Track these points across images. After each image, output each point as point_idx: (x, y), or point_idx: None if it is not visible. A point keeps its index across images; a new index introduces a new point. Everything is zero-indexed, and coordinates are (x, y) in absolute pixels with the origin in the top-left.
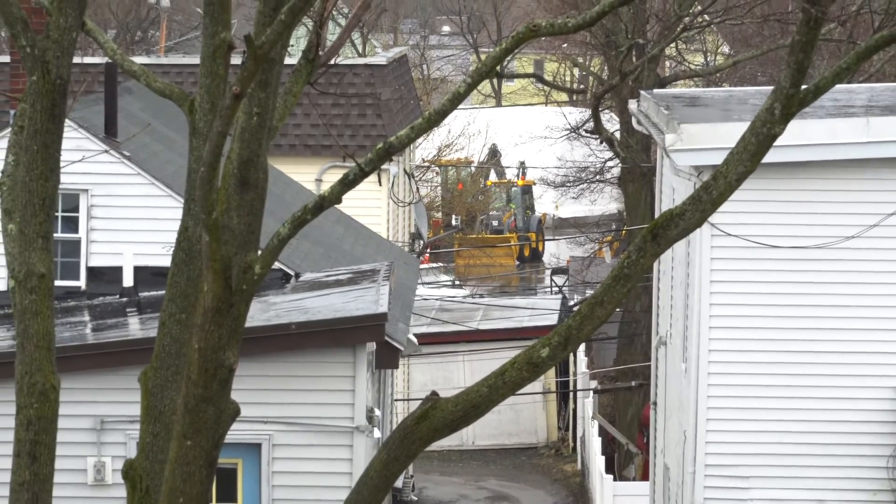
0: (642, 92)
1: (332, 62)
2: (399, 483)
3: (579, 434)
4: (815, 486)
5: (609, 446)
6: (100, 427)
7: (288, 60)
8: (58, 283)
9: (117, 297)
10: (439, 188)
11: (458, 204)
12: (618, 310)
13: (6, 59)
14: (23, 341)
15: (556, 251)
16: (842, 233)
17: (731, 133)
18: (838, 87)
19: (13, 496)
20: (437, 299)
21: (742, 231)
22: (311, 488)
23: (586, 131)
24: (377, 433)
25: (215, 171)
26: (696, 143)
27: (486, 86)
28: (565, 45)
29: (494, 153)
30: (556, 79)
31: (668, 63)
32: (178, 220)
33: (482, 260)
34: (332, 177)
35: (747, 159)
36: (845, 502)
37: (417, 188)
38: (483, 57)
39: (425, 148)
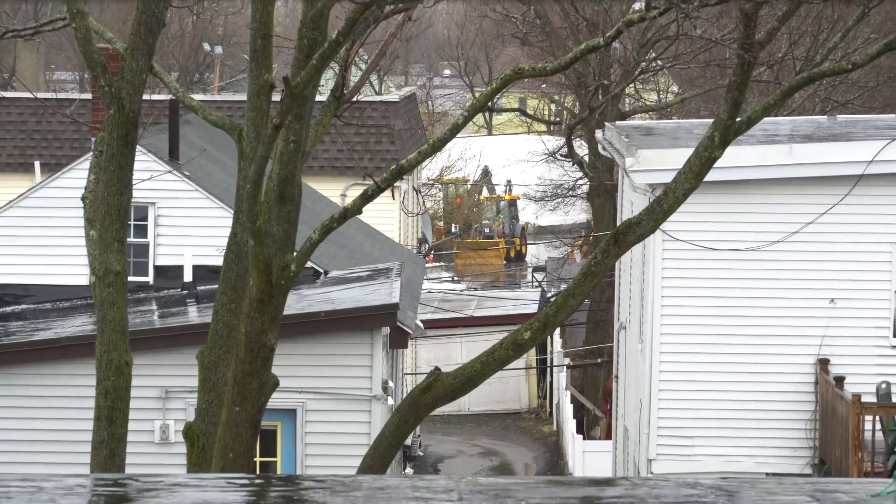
0: (606, 123)
1: (354, 99)
2: (408, 441)
3: (555, 401)
4: (747, 445)
5: (579, 412)
6: (164, 396)
7: (318, 98)
8: (130, 278)
9: (179, 290)
10: (441, 202)
11: (456, 214)
12: (587, 300)
13: (88, 96)
14: (102, 326)
15: (536, 253)
16: (769, 238)
17: (679, 157)
18: (767, 119)
19: (94, 452)
20: (439, 292)
21: (688, 236)
22: (337, 446)
23: (561, 155)
24: (391, 401)
25: (259, 187)
26: (650, 165)
27: (479, 118)
28: (544, 85)
29: (486, 173)
30: (537, 112)
31: (627, 100)
32: (229, 227)
33: (476, 260)
34: (354, 192)
35: (692, 178)
36: (772, 457)
37: (423, 201)
38: (477, 95)
39: (430, 169)
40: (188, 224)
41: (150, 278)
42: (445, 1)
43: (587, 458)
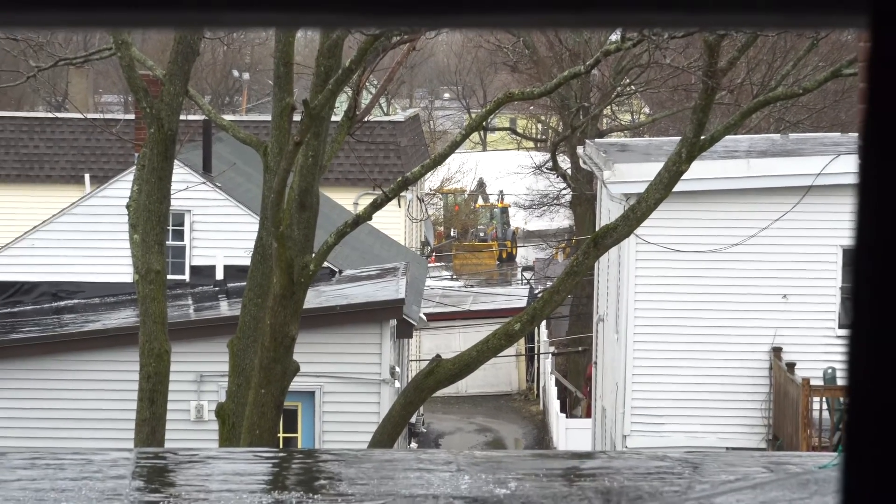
0: (586, 141)
1: (365, 119)
2: (413, 420)
3: (541, 385)
4: (710, 423)
5: (563, 394)
6: (199, 380)
7: (333, 118)
8: (169, 277)
9: (212, 287)
10: (442, 209)
11: (455, 220)
12: (569, 296)
13: (132, 116)
14: (144, 318)
15: (525, 254)
16: (730, 241)
17: (650, 170)
18: (728, 137)
19: (137, 429)
20: (440, 289)
21: (659, 240)
22: (350, 423)
23: (547, 169)
24: (397, 384)
25: (282, 197)
26: (625, 177)
27: (475, 136)
28: (532, 107)
29: (481, 184)
30: (526, 131)
31: (605, 120)
32: (255, 231)
33: (472, 260)
34: (365, 201)
35: (662, 189)
36: (732, 433)
37: (426, 209)
38: (473, 116)
39: (432, 180)
40: (219, 229)
41: (186, 276)
42: (445, 32)
43: (570, 434)
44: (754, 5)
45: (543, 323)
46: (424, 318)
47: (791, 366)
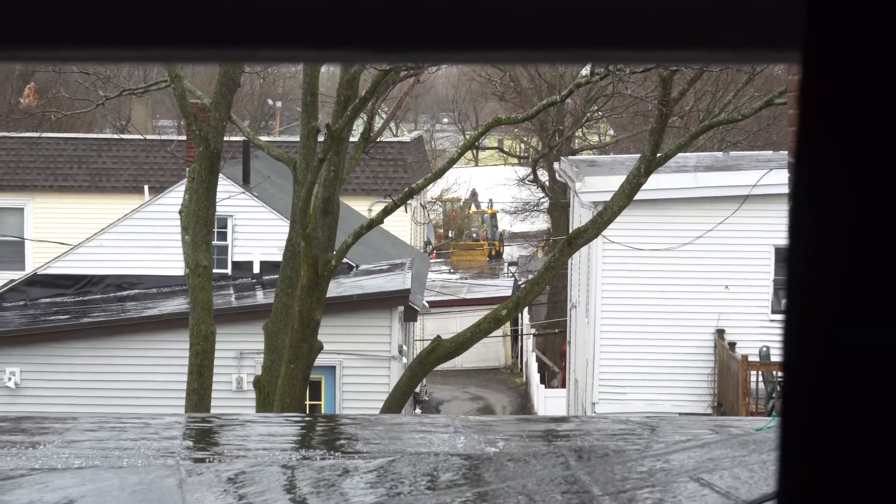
0: (561, 157)
1: (377, 140)
2: (417, 390)
3: (524, 361)
4: (665, 392)
5: (542, 368)
6: (239, 356)
7: (351, 139)
8: (214, 271)
9: (250, 279)
10: (441, 214)
11: (452, 224)
12: (547, 286)
13: (183, 137)
14: (193, 305)
15: (510, 252)
16: (681, 241)
17: (615, 182)
18: (679, 154)
19: (187, 398)
20: (440, 281)
21: (622, 240)
22: (365, 393)
23: (529, 181)
24: (404, 360)
25: (308, 204)
26: (594, 188)
27: (469, 154)
28: (516, 129)
29: (474, 194)
30: (511, 149)
31: (577, 140)
32: (286, 233)
33: (467, 257)
34: (377, 208)
35: (624, 198)
36: (684, 401)
37: (428, 214)
38: (467, 137)
39: (433, 191)
40: (256, 231)
41: (228, 270)
42: (445, 67)
43: (548, 401)
44: (702, 44)
45: (526, 309)
46: (427, 305)
47: (732, 345)
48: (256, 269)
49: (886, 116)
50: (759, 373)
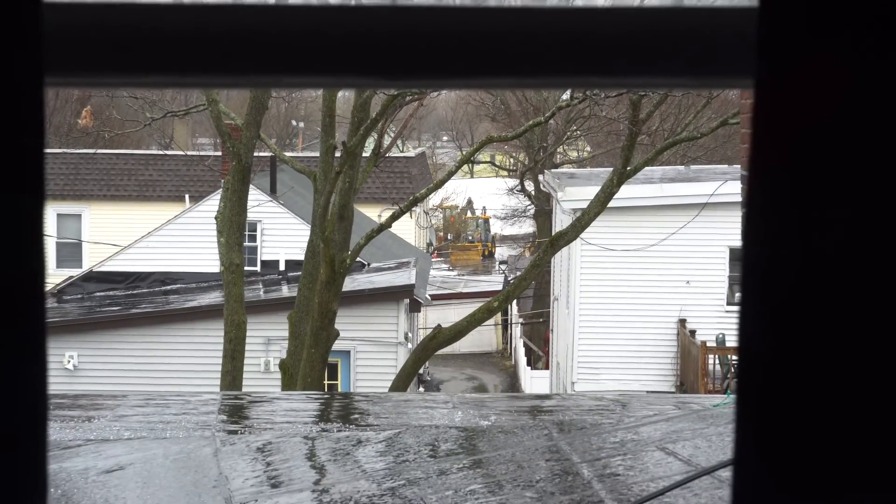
0: (545, 170)
1: (386, 155)
2: (421, 371)
3: (513, 346)
4: (634, 373)
5: (528, 352)
6: (267, 342)
7: (364, 154)
8: (245, 268)
9: (276, 275)
10: (441, 219)
11: (451, 228)
12: (533, 282)
13: (219, 153)
14: (227, 298)
15: (501, 252)
16: (648, 242)
17: (591, 192)
18: (646, 168)
19: (222, 378)
20: (440, 277)
21: (597, 241)
22: (375, 374)
23: (517, 190)
24: (409, 345)
25: (327, 211)
26: (573, 197)
27: (465, 167)
28: (506, 146)
29: (470, 202)
30: (501, 163)
31: (558, 155)
32: (307, 236)
33: (463, 256)
34: (386, 214)
35: (599, 205)
36: (651, 380)
37: (430, 219)
38: (464, 153)
39: (434, 199)
40: (282, 234)
41: (257, 268)
42: (444, 92)
43: (533, 381)
44: (667, 73)
45: (515, 301)
46: (429, 297)
47: (692, 332)
48: (282, 267)
49: (824, 136)
50: (716, 356)
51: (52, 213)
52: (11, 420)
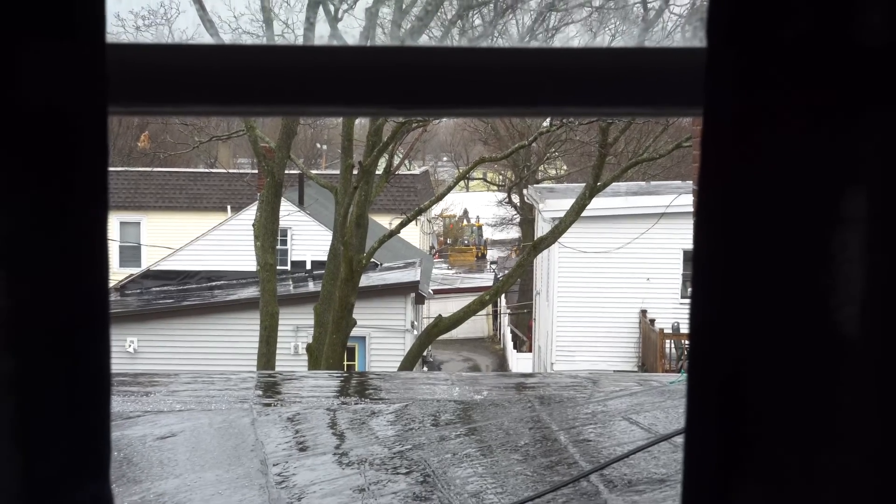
0: (529, 185)
1: (396, 172)
2: (424, 353)
3: (502, 332)
4: (604, 356)
5: (515, 338)
6: (296, 329)
7: (377, 172)
8: (278, 268)
9: (304, 273)
10: (442, 227)
11: (449, 234)
12: (519, 279)
13: (255, 171)
14: (262, 292)
15: (492, 254)
16: (615, 246)
17: (568, 204)
18: (614, 184)
19: (258, 360)
20: (441, 275)
21: (573, 245)
22: (386, 356)
23: (505, 202)
24: (415, 332)
25: (346, 219)
26: (552, 208)
27: (461, 183)
28: (496, 165)
29: (465, 212)
30: (492, 179)
31: (540, 172)
32: (330, 240)
33: (460, 258)
34: (396, 222)
35: (574, 215)
36: (617, 361)
37: (432, 226)
38: (460, 171)
39: (435, 210)
40: (308, 238)
41: (288, 267)
42: (444, 120)
43: (519, 362)
44: (630, 104)
45: (503, 295)
46: (431, 292)
47: (652, 321)
48: (308, 266)
49: (758, 158)
50: (671, 341)
51: (115, 222)
52: (81, 394)
